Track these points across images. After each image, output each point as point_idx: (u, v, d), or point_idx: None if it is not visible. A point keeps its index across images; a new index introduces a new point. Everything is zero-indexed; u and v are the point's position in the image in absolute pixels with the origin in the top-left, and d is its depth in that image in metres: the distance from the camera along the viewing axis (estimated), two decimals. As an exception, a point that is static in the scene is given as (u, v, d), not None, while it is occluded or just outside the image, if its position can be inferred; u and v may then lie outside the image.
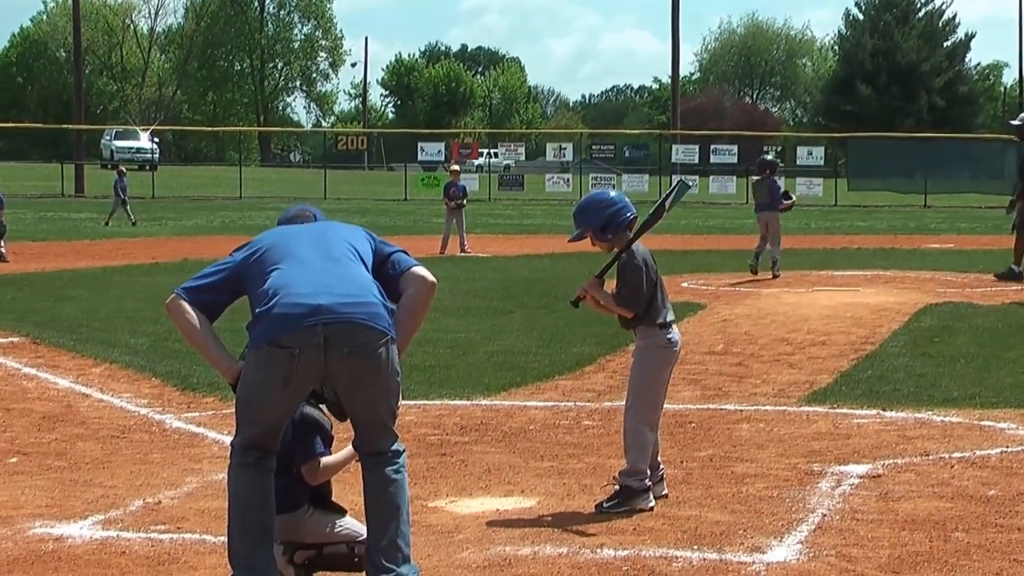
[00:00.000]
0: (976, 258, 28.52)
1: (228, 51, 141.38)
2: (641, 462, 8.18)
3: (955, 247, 33.84)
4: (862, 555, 7.21)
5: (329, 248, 6.61)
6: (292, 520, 6.59)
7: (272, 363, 6.23)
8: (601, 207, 8.39)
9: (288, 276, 6.37)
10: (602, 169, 77.16)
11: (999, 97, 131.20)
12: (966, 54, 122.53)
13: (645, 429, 8.23)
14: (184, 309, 6.53)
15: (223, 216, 49.18)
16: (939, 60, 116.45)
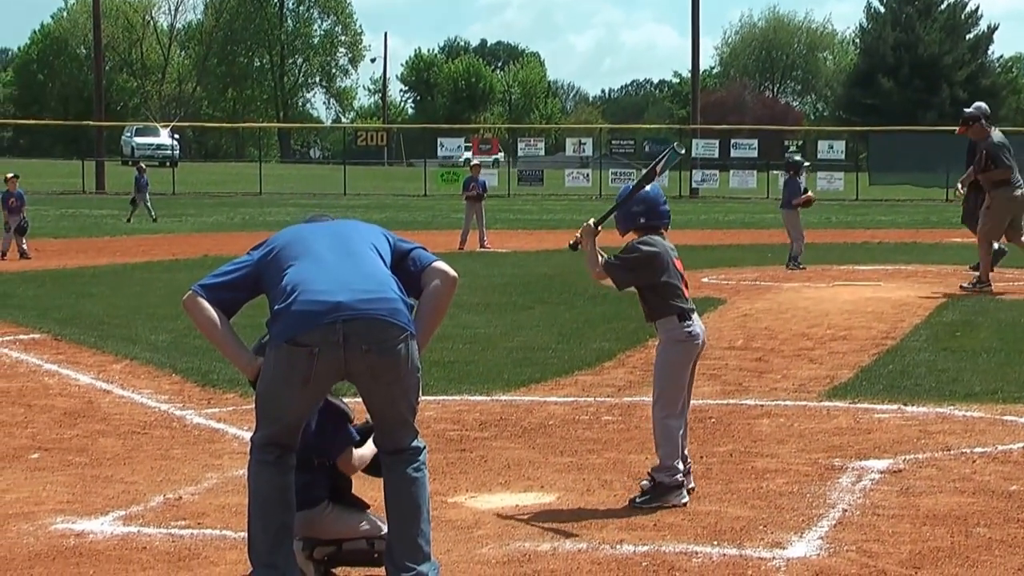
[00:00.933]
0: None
1: (248, 47, 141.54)
2: (672, 457, 8.17)
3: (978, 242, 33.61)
4: (883, 551, 7.19)
5: (347, 244, 6.57)
6: (311, 516, 6.60)
7: (292, 361, 6.22)
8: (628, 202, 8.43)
9: (306, 273, 6.35)
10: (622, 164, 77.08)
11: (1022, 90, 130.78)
12: (988, 47, 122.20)
13: (672, 423, 8.23)
14: (202, 305, 6.52)
15: (243, 212, 49.25)
16: (961, 53, 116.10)
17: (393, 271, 6.56)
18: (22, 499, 8.49)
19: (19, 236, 28.41)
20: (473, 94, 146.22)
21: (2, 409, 11.50)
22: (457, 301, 19.56)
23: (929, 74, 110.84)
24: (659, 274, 8.25)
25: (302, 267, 6.38)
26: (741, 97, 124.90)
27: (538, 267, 25.30)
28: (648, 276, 8.26)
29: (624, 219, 8.43)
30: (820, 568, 6.92)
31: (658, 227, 8.38)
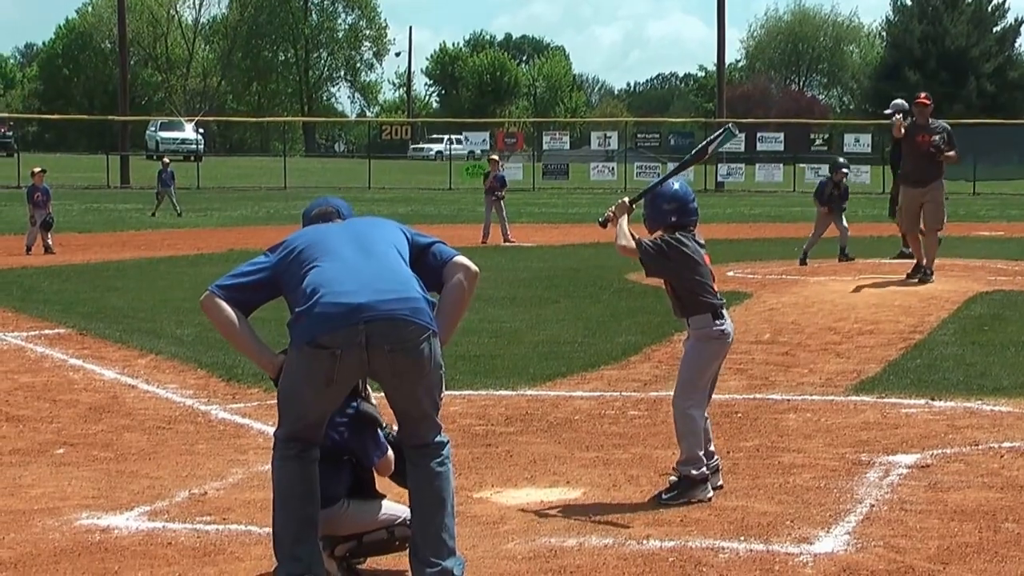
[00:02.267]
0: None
1: (272, 41, 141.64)
2: (697, 448, 8.14)
3: (1005, 234, 33.59)
4: (911, 546, 7.15)
5: (366, 243, 6.55)
6: (329, 515, 6.58)
7: (314, 363, 6.22)
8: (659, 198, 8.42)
9: (328, 273, 6.34)
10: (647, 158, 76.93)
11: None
12: (1016, 39, 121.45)
13: (694, 414, 8.19)
14: (221, 306, 6.55)
15: (268, 207, 49.30)
16: (988, 45, 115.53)
17: (413, 267, 6.54)
18: (47, 494, 8.50)
19: (44, 231, 28.47)
20: (498, 88, 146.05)
21: (27, 404, 11.52)
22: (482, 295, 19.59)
23: (956, 67, 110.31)
24: (692, 270, 8.22)
25: (323, 268, 6.38)
26: (767, 90, 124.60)
27: (563, 261, 25.27)
28: (680, 270, 8.22)
29: (654, 217, 8.39)
30: (847, 564, 6.88)
31: (687, 225, 8.35)
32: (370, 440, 6.68)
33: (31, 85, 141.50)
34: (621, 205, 8.45)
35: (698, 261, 8.26)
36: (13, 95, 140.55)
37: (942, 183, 19.67)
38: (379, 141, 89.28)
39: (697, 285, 8.23)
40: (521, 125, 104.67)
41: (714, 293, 8.30)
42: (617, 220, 8.39)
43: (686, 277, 8.23)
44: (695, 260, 8.26)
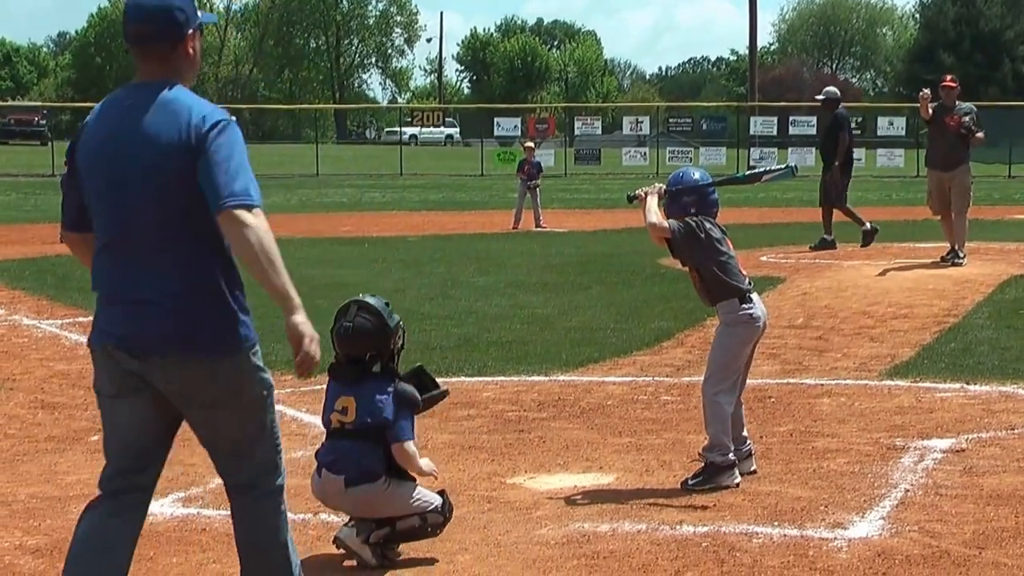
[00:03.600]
0: (1060, 228, 28.15)
1: (304, 28, 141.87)
2: (723, 435, 8.12)
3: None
4: (946, 531, 7.12)
5: (132, 214, 5.37)
6: (368, 492, 6.61)
7: (105, 367, 5.59)
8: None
9: (97, 264, 5.54)
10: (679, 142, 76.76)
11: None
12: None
13: (722, 400, 8.17)
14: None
15: (300, 194, 49.35)
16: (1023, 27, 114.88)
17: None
18: (83, 481, 8.52)
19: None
20: (529, 73, 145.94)
21: (62, 391, 11.57)
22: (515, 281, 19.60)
23: (990, 49, 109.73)
24: (720, 252, 8.20)
25: (96, 250, 5.55)
26: (799, 74, 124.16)
27: (596, 246, 25.24)
28: (708, 252, 8.19)
29: (674, 209, 8.33)
30: (882, 548, 6.85)
31: (707, 215, 8.32)
32: (398, 422, 6.68)
33: (64, 74, 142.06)
34: (656, 188, 8.41)
35: (725, 244, 8.25)
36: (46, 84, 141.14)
37: (968, 166, 19.64)
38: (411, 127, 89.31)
39: (724, 268, 8.20)
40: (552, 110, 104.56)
41: (741, 277, 8.27)
42: (647, 200, 8.34)
43: (713, 259, 8.20)
44: (722, 243, 8.24)
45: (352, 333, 6.70)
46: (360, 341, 6.70)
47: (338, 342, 6.78)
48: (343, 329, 6.72)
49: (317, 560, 6.85)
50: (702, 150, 72.10)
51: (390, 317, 6.72)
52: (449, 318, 15.37)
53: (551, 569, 6.66)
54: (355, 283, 19.23)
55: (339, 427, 6.76)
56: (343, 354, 6.78)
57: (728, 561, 6.71)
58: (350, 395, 6.72)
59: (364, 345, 6.71)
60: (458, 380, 11.56)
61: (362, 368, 6.71)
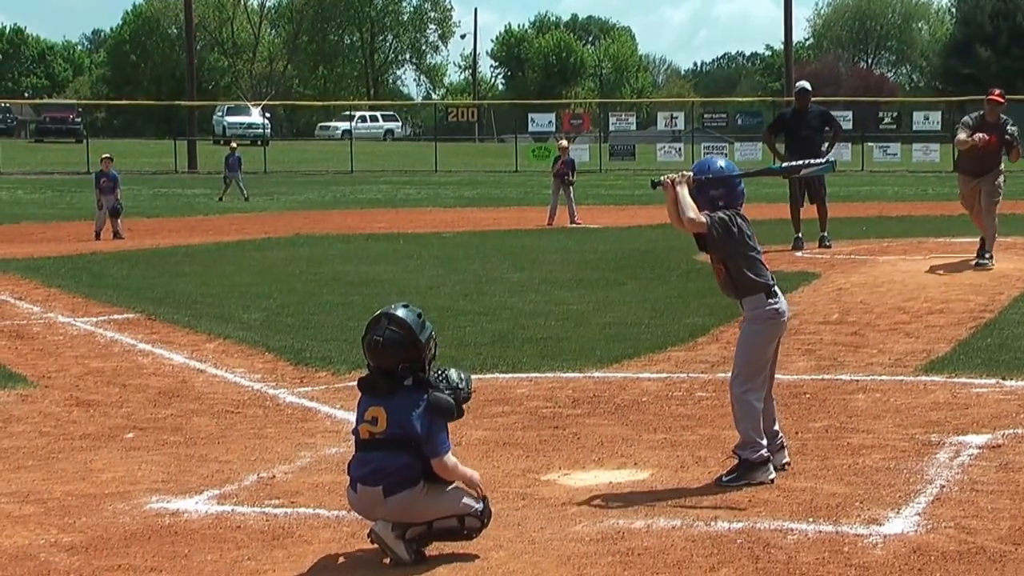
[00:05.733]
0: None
1: (338, 24, 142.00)
2: (754, 432, 8.09)
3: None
4: (982, 527, 7.09)
5: None
6: (408, 498, 6.60)
7: None
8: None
9: None
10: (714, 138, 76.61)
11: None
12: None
13: (751, 398, 8.14)
14: None
15: (335, 191, 49.47)
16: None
17: None
18: (118, 478, 8.56)
19: (113, 218, 28.67)
20: (564, 69, 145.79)
21: (97, 389, 11.61)
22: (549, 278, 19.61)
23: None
24: (749, 247, 8.18)
25: None
26: (835, 69, 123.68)
27: (630, 243, 25.19)
28: (739, 246, 8.16)
29: (702, 201, 8.28)
30: (918, 544, 6.82)
31: (735, 207, 8.29)
32: (434, 433, 6.68)
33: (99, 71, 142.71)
34: (684, 176, 8.35)
35: (753, 239, 8.22)
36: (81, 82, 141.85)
37: (1001, 168, 19.43)
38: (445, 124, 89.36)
39: (752, 263, 8.17)
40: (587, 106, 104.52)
41: (767, 272, 8.24)
42: (677, 189, 8.30)
43: (742, 254, 8.18)
44: (752, 237, 8.21)
45: (383, 346, 6.71)
46: (391, 354, 6.71)
47: (369, 355, 6.78)
48: (374, 343, 6.72)
49: (352, 557, 6.86)
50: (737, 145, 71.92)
51: (422, 329, 6.72)
52: (483, 314, 15.37)
53: (585, 566, 6.65)
54: (390, 279, 19.28)
55: (368, 438, 6.75)
56: (375, 366, 6.78)
57: (763, 558, 6.69)
58: (380, 406, 6.70)
59: (395, 358, 6.71)
60: (492, 377, 11.57)
61: (394, 381, 6.70)
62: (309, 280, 19.25)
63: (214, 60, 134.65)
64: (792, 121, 22.86)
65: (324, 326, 14.39)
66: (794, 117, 22.92)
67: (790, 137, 22.68)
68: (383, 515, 6.70)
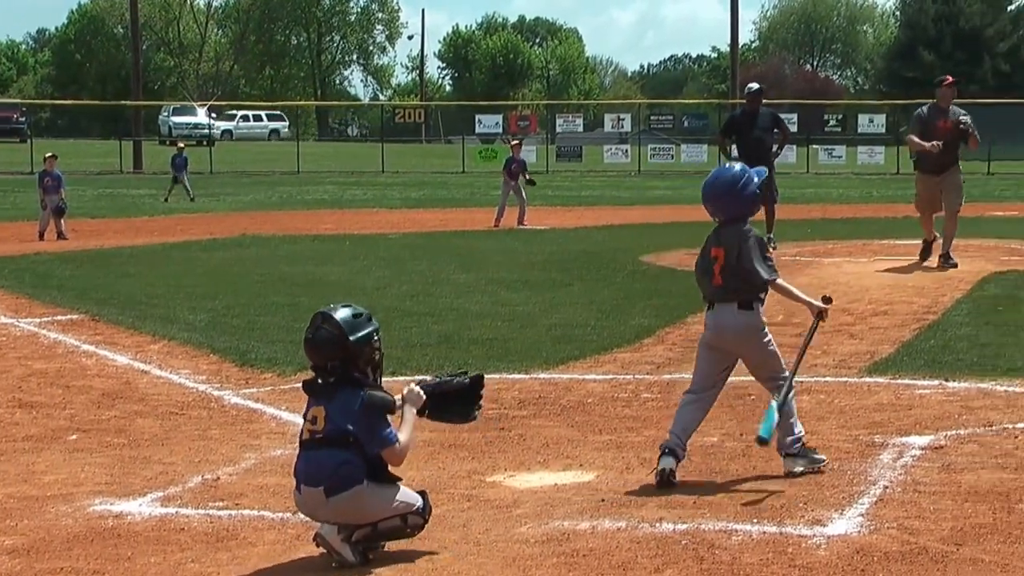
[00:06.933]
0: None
1: (285, 25, 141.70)
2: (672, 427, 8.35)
3: (1019, 215, 33.52)
4: (924, 527, 7.13)
5: None
6: (351, 498, 6.60)
7: None
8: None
9: None
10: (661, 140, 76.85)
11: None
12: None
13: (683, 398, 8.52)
14: None
15: (281, 191, 49.33)
16: (1003, 25, 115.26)
17: None
18: (60, 480, 8.51)
19: (57, 217, 28.46)
20: (511, 70, 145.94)
21: (40, 390, 11.53)
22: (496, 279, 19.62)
23: (970, 46, 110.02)
24: None
25: None
26: (780, 71, 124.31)
27: (577, 244, 25.24)
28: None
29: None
30: (861, 545, 6.86)
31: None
32: (374, 429, 6.69)
33: (44, 71, 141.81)
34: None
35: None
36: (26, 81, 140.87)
37: (959, 166, 19.53)
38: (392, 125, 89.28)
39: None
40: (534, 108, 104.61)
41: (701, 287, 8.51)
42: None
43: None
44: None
45: (313, 343, 6.78)
46: (322, 352, 6.75)
47: (305, 352, 6.83)
48: (306, 339, 6.81)
49: (297, 560, 6.84)
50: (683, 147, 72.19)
51: (354, 330, 6.72)
52: (430, 315, 15.36)
53: (530, 567, 6.65)
54: (336, 280, 19.24)
55: (310, 437, 6.75)
56: (310, 364, 6.82)
57: (707, 559, 6.71)
58: (320, 405, 6.73)
59: (325, 355, 6.76)
60: (438, 378, 11.55)
61: (331, 379, 6.72)
62: (255, 281, 19.18)
63: (160, 60, 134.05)
64: (743, 122, 22.92)
65: (270, 327, 14.35)
66: (745, 118, 22.99)
67: (741, 138, 22.75)
68: (327, 516, 6.69)
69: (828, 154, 68.77)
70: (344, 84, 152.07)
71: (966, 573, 6.48)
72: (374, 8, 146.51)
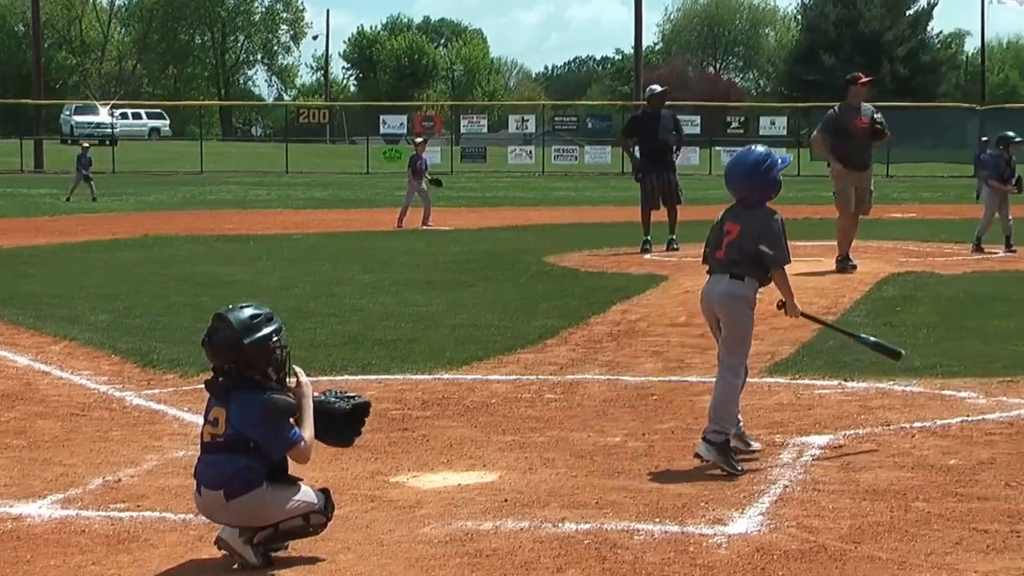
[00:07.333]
0: (938, 227, 28.64)
1: (189, 24, 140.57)
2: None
3: (917, 216, 34.00)
4: (823, 526, 7.22)
5: None
6: (251, 501, 6.57)
7: None
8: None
9: None
10: (565, 141, 77.08)
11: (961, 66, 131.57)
12: (928, 23, 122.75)
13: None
14: None
15: (184, 191, 48.96)
16: (902, 29, 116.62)
17: None
18: (-40, 484, 8.41)
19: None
20: (416, 71, 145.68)
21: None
22: (400, 279, 19.58)
23: (870, 50, 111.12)
24: None
25: None
26: (683, 74, 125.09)
27: (481, 244, 25.27)
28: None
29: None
30: (761, 544, 6.93)
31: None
32: (278, 433, 6.66)
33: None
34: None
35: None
36: None
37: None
38: (296, 125, 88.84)
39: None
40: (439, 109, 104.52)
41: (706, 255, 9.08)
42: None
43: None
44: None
45: (209, 345, 6.75)
46: (218, 354, 6.72)
47: (205, 353, 6.81)
48: (203, 340, 6.76)
49: (199, 561, 6.81)
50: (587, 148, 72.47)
51: (249, 331, 6.67)
52: (334, 316, 15.32)
53: (434, 568, 6.66)
54: (240, 281, 19.14)
55: (210, 440, 6.72)
56: (210, 364, 6.80)
57: (610, 558, 6.76)
58: (221, 407, 6.69)
59: (221, 357, 6.72)
60: (342, 379, 11.53)
61: (231, 379, 6.68)
62: (158, 281, 19.04)
63: (62, 59, 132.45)
64: (646, 123, 23.04)
65: (172, 328, 14.25)
66: (647, 119, 23.11)
67: (645, 139, 22.87)
68: (227, 519, 6.67)
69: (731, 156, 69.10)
70: (248, 84, 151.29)
71: (864, 570, 6.57)
72: (279, 8, 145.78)
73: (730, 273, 8.70)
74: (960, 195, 44.85)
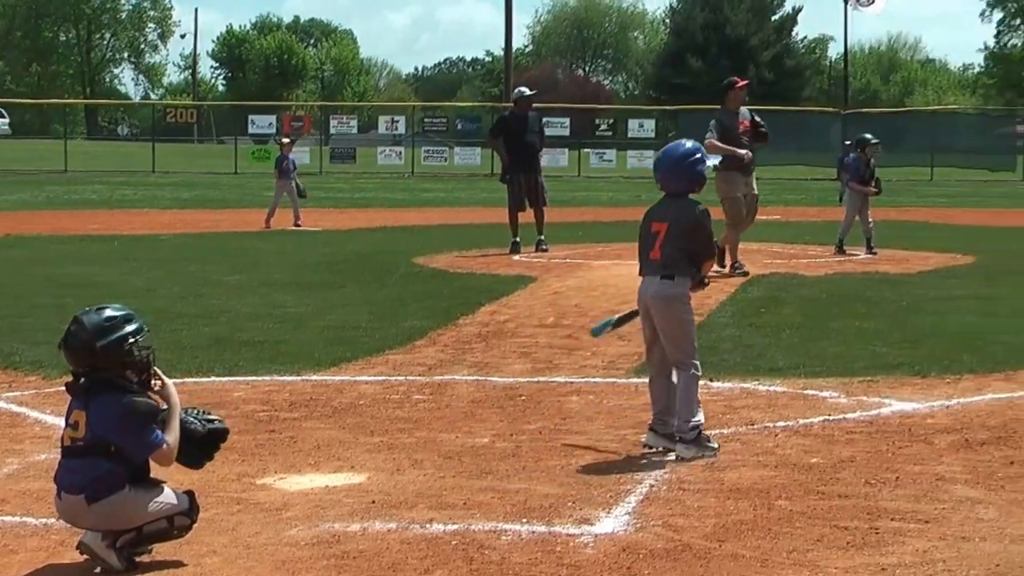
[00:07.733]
0: (802, 229, 29.08)
1: (53, 21, 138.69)
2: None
3: (781, 218, 34.48)
4: (688, 524, 7.30)
5: None
6: (113, 504, 6.49)
7: None
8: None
9: None
10: (435, 142, 77.07)
11: (825, 71, 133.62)
12: (793, 28, 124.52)
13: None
14: None
15: (48, 191, 48.22)
16: (767, 34, 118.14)
17: None
18: None
19: None
20: (285, 71, 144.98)
21: None
22: (268, 280, 19.47)
23: (736, 54, 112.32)
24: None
25: None
26: (553, 76, 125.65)
27: (350, 245, 25.18)
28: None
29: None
30: (627, 543, 6.99)
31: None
32: (140, 436, 6.59)
33: None
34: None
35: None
36: None
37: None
38: (163, 124, 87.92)
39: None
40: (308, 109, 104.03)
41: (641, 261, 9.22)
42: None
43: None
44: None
45: (66, 347, 6.66)
46: (72, 355, 6.64)
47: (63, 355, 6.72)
48: (60, 343, 6.66)
49: (61, 566, 6.72)
50: (457, 150, 72.51)
51: (103, 333, 6.57)
52: (201, 317, 15.19)
53: (301, 570, 6.63)
54: (105, 282, 18.90)
55: (71, 444, 6.63)
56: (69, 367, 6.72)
57: (477, 559, 6.77)
58: (81, 410, 6.60)
59: (76, 359, 6.63)
60: (209, 380, 11.46)
61: (90, 382, 6.60)
62: (20, 282, 18.74)
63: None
64: (514, 124, 23.15)
65: (35, 329, 14.03)
66: (515, 120, 23.23)
67: (512, 141, 22.96)
68: (89, 523, 6.58)
69: (599, 158, 69.71)
70: (114, 82, 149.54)
71: (727, 568, 6.65)
72: (146, 6, 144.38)
73: (660, 275, 8.82)
74: (824, 198, 45.54)
